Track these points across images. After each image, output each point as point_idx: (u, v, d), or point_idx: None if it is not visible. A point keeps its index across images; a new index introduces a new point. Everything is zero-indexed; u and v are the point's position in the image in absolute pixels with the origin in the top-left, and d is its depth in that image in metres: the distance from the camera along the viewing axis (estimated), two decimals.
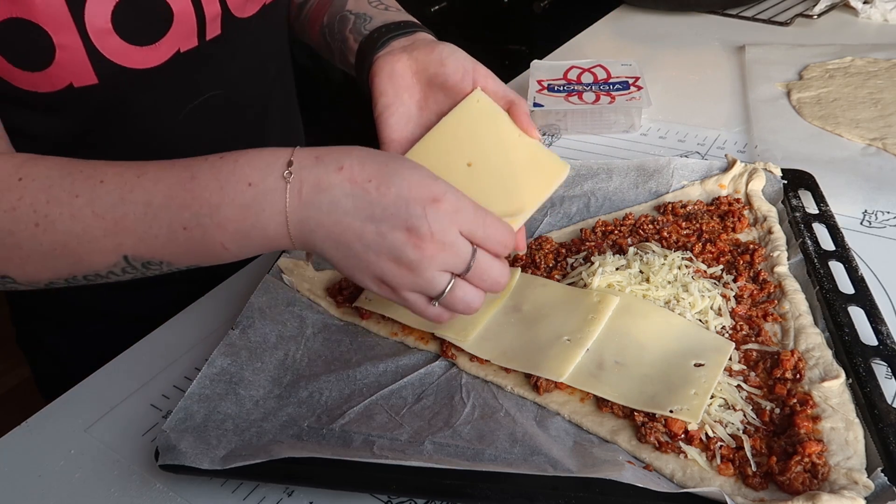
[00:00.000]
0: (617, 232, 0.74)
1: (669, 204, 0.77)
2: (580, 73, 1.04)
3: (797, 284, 0.64)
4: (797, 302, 0.62)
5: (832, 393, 0.53)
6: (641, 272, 0.65)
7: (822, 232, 0.70)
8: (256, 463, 0.51)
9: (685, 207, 0.76)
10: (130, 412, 0.62)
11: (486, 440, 0.54)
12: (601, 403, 0.56)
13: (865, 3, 1.27)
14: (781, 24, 1.27)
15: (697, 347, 0.58)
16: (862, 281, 0.63)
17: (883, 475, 0.47)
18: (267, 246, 0.53)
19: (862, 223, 0.75)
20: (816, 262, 0.65)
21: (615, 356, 0.58)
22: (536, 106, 0.97)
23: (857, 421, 0.52)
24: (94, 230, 0.51)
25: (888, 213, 0.76)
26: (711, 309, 0.62)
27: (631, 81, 1.00)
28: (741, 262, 0.67)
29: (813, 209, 0.73)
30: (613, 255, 0.68)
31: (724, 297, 0.63)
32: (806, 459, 0.48)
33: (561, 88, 1.01)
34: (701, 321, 0.61)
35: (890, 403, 0.52)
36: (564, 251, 0.73)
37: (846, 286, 0.62)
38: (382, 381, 0.61)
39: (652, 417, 0.54)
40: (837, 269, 0.65)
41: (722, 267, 0.67)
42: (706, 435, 0.52)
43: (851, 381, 0.54)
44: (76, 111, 0.67)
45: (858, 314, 0.60)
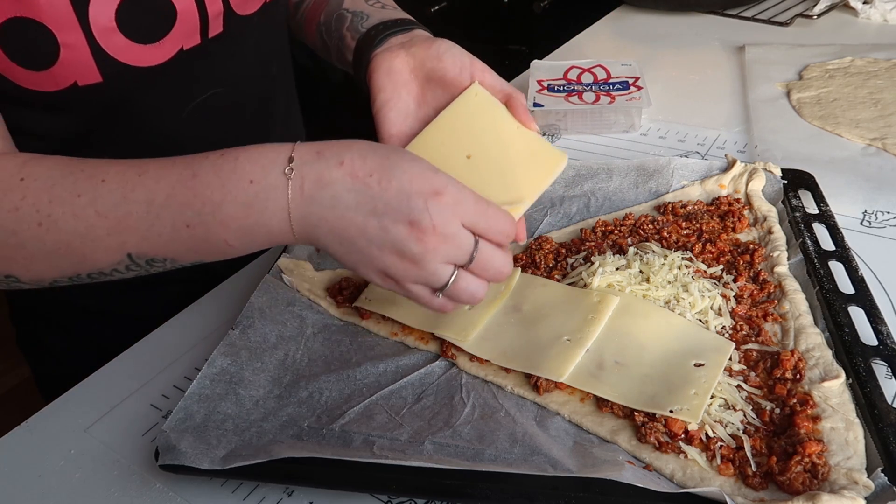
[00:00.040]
0: (617, 232, 0.74)
1: (669, 204, 0.77)
2: (580, 73, 1.04)
3: (797, 284, 0.64)
4: (797, 302, 0.62)
5: (832, 393, 0.53)
6: (641, 272, 0.65)
7: (822, 232, 0.70)
8: (256, 463, 0.51)
9: (685, 207, 0.76)
10: (130, 412, 0.62)
11: (486, 440, 0.54)
12: (601, 403, 0.56)
13: (865, 3, 1.27)
14: (781, 24, 1.27)
15: (697, 347, 0.58)
16: (862, 281, 0.63)
17: (883, 475, 0.47)
18: (271, 241, 0.53)
19: (862, 223, 0.75)
20: (816, 262, 0.65)
21: (615, 356, 0.58)
22: (536, 106, 0.96)
23: (857, 421, 0.52)
24: (97, 229, 0.51)
25: (888, 213, 0.76)
26: (711, 309, 0.62)
27: (631, 81, 1.00)
28: (741, 262, 0.67)
29: (813, 209, 0.73)
30: (613, 255, 0.68)
31: (724, 297, 0.63)
32: (806, 459, 0.48)
33: (561, 88, 1.01)
34: (701, 321, 0.61)
35: (890, 403, 0.52)
36: (564, 251, 0.73)
37: (846, 286, 0.62)
38: (382, 381, 0.61)
39: (652, 417, 0.54)
40: (837, 269, 0.65)
41: (722, 267, 0.67)
42: (706, 435, 0.52)
43: (851, 381, 0.54)
44: (80, 110, 0.67)
45: (858, 314, 0.60)
